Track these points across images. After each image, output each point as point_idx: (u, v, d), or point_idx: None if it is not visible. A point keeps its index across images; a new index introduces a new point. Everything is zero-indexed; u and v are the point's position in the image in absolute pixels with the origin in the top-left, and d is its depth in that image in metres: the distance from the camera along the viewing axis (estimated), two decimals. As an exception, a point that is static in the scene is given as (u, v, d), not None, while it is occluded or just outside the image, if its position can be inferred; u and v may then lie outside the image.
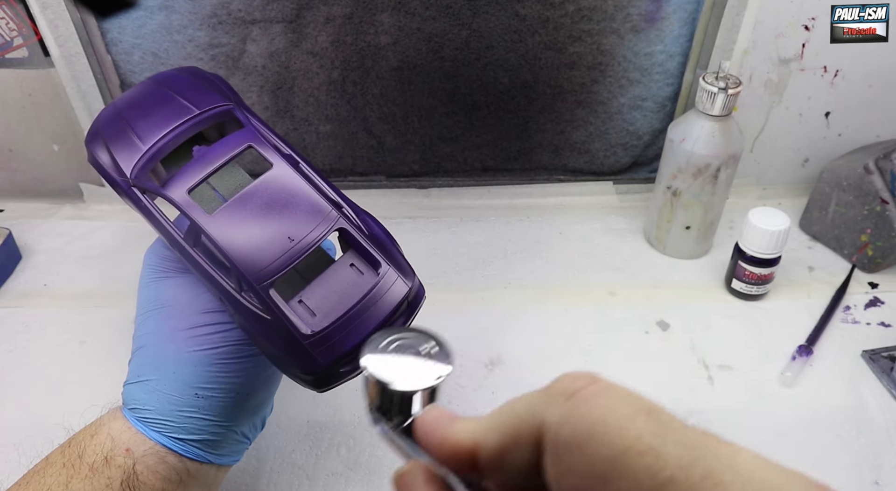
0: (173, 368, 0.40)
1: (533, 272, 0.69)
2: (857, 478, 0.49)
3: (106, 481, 0.37)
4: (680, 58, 0.72)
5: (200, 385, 0.40)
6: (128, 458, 0.38)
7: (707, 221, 0.68)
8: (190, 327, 0.41)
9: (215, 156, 0.39)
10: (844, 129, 0.76)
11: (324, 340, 0.35)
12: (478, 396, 0.56)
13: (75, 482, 0.37)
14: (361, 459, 0.51)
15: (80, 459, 0.38)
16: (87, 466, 0.38)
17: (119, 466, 0.38)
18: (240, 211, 0.37)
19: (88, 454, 0.38)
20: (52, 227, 0.76)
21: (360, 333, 0.35)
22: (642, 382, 0.57)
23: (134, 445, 0.38)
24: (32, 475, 0.38)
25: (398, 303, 0.37)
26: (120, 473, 0.37)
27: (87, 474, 0.37)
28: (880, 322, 0.63)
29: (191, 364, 0.40)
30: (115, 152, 0.40)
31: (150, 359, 0.41)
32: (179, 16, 0.67)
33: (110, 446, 0.38)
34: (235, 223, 0.36)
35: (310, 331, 0.35)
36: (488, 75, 0.72)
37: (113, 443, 0.38)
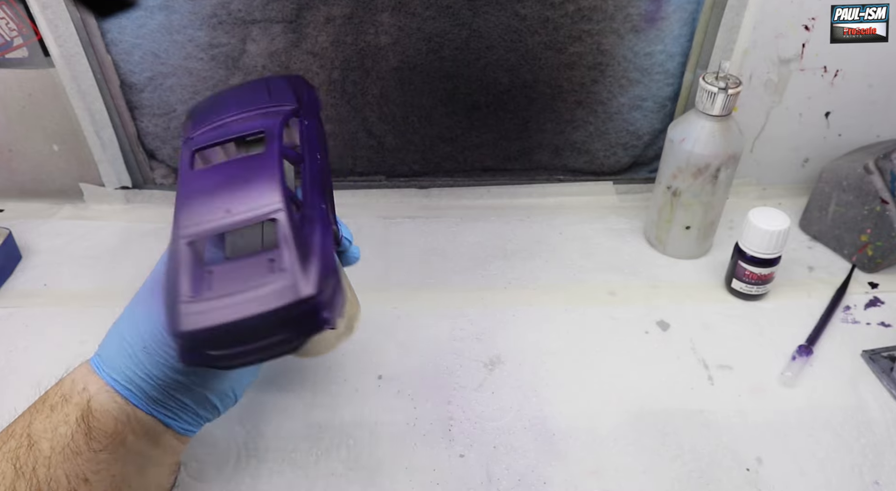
0: (136, 321, 0.42)
1: (533, 272, 0.69)
2: (857, 478, 0.49)
3: (63, 418, 0.39)
4: (680, 58, 0.72)
5: (149, 339, 0.40)
6: (83, 394, 0.40)
7: (707, 221, 0.69)
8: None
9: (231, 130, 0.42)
10: (844, 129, 0.76)
11: (196, 309, 0.34)
12: (478, 395, 0.56)
13: (37, 423, 0.39)
14: (361, 459, 0.51)
15: (42, 403, 0.41)
16: (48, 406, 0.40)
17: (76, 403, 0.40)
18: (213, 175, 0.39)
19: (50, 396, 0.41)
20: (52, 227, 0.76)
21: (227, 316, 0.34)
22: (642, 382, 0.57)
23: (89, 384, 0.41)
24: (6, 427, 0.41)
25: (282, 305, 0.34)
26: (76, 410, 0.40)
27: (48, 414, 0.40)
28: (880, 322, 0.63)
29: (147, 322, 0.41)
30: (195, 123, 0.45)
31: (128, 312, 0.43)
32: (179, 16, 0.67)
33: (70, 387, 0.41)
34: (202, 184, 0.38)
35: (189, 295, 0.34)
36: (488, 75, 0.72)
37: (73, 384, 0.41)
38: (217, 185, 0.38)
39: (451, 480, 0.49)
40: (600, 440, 0.52)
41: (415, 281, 0.68)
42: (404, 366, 0.58)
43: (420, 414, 0.54)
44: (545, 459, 0.51)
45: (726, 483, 0.49)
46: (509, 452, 0.51)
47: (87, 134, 0.73)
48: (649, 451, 0.51)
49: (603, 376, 0.58)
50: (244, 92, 0.47)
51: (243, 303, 0.34)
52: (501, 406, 0.55)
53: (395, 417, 0.54)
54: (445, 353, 0.59)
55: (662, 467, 0.50)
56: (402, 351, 0.60)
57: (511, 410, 0.54)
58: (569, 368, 0.58)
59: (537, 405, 0.55)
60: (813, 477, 0.49)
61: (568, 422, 0.53)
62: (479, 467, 0.50)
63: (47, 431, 0.39)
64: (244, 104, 0.45)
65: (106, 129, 0.74)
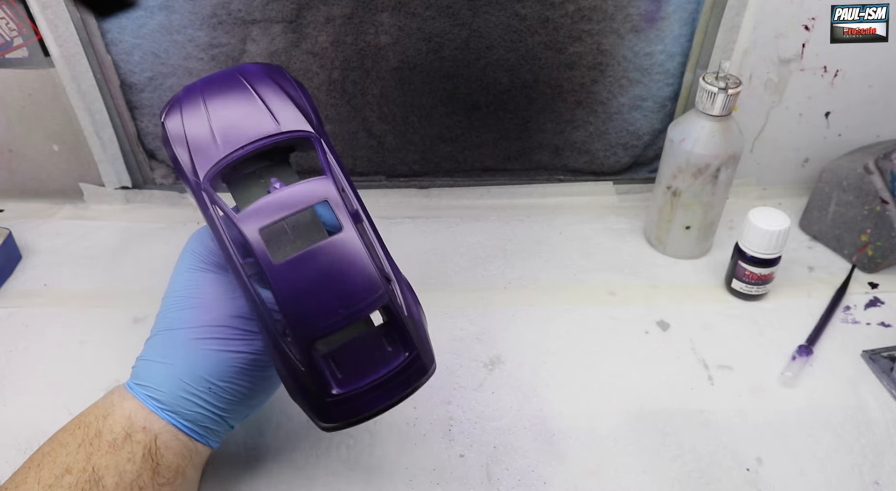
0: (194, 358, 0.42)
1: (533, 272, 0.69)
2: (857, 478, 0.49)
3: (128, 456, 0.40)
4: (680, 58, 0.72)
5: (215, 380, 0.42)
6: (146, 434, 0.41)
7: (707, 221, 0.69)
8: (221, 326, 0.42)
9: (293, 200, 0.39)
10: (844, 129, 0.76)
11: (345, 401, 0.38)
12: (478, 395, 0.56)
13: (97, 458, 0.39)
14: (361, 459, 0.51)
15: (98, 438, 0.40)
16: (106, 443, 0.40)
17: (139, 441, 0.40)
18: (303, 267, 0.38)
19: (106, 433, 0.40)
20: (52, 227, 0.76)
21: (377, 404, 0.38)
22: (642, 382, 0.57)
23: (149, 423, 0.41)
24: (42, 458, 0.40)
25: (417, 385, 0.40)
26: (141, 448, 0.40)
27: (108, 450, 0.39)
28: (880, 322, 0.63)
29: (213, 360, 0.42)
30: (194, 152, 0.41)
31: (174, 344, 0.43)
32: (179, 16, 0.67)
33: (128, 425, 0.40)
34: (296, 278, 0.38)
35: (336, 391, 0.38)
36: (488, 75, 0.72)
37: (130, 422, 0.41)
38: (315, 280, 0.38)
39: (451, 480, 0.49)
40: (600, 440, 0.52)
41: (415, 281, 0.68)
42: (404, 366, 0.58)
43: (420, 414, 0.54)
44: (545, 459, 0.51)
45: (726, 483, 0.49)
46: (509, 452, 0.51)
47: (87, 134, 0.73)
48: (649, 451, 0.51)
49: (603, 376, 0.58)
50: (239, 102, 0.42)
51: (383, 393, 0.38)
52: (501, 406, 0.55)
53: (395, 417, 0.54)
54: (445, 353, 0.59)
55: (662, 467, 0.50)
56: (402, 351, 0.60)
57: (511, 410, 0.54)
58: (569, 368, 0.58)
59: (537, 405, 0.55)
60: (813, 477, 0.49)
61: (568, 422, 0.53)
62: (479, 467, 0.50)
63: (111, 467, 0.39)
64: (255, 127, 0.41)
65: (106, 129, 0.74)
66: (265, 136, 0.41)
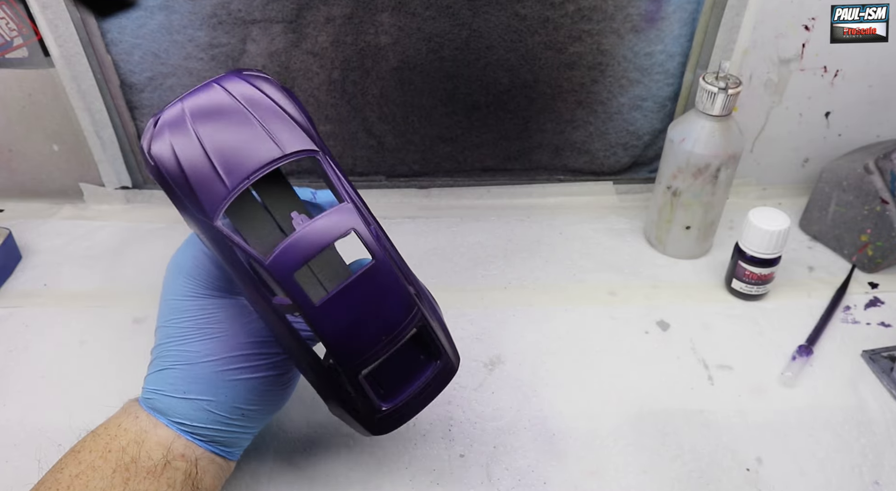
0: (224, 390, 0.42)
1: (533, 272, 0.69)
2: (857, 478, 0.49)
3: (168, 482, 0.40)
4: (680, 58, 0.72)
5: (248, 407, 0.43)
6: (185, 461, 0.41)
7: (707, 221, 0.69)
8: (243, 354, 0.43)
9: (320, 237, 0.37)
10: (844, 129, 0.76)
11: (391, 414, 0.41)
12: (478, 395, 0.56)
13: (135, 483, 0.39)
14: (361, 458, 0.51)
15: (134, 464, 0.40)
16: (144, 470, 0.39)
17: (178, 468, 0.40)
18: (343, 303, 0.37)
19: (143, 460, 0.40)
20: (52, 227, 0.76)
21: (418, 409, 0.41)
22: (642, 382, 0.57)
23: (188, 451, 0.41)
24: (72, 480, 0.39)
25: (447, 383, 0.42)
26: (181, 474, 0.40)
27: (147, 477, 0.39)
28: (880, 322, 0.63)
29: (242, 389, 0.43)
30: (196, 187, 0.37)
31: (198, 379, 0.42)
32: (179, 16, 0.67)
33: (166, 452, 0.41)
34: (338, 315, 0.37)
35: (383, 408, 0.40)
36: (488, 75, 0.72)
37: (168, 450, 0.41)
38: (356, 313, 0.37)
39: (451, 480, 0.49)
40: (600, 440, 0.52)
41: (415, 281, 0.68)
42: (404, 366, 0.58)
43: (420, 414, 0.54)
44: (545, 459, 0.51)
45: (726, 483, 0.49)
46: (509, 452, 0.51)
47: (87, 134, 0.73)
48: (649, 451, 0.51)
49: (603, 376, 0.58)
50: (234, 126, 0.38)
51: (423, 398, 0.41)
52: (501, 406, 0.55)
53: (395, 417, 0.54)
54: (445, 353, 0.59)
55: (662, 467, 0.50)
56: (402, 351, 0.60)
57: (511, 410, 0.54)
58: (569, 368, 0.58)
59: (537, 405, 0.55)
60: (813, 477, 0.49)
61: (568, 422, 0.53)
62: (479, 467, 0.50)
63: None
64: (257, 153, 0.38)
65: (106, 129, 0.74)
66: (269, 161, 0.38)
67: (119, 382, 0.56)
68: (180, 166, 0.37)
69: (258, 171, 0.38)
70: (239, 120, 0.38)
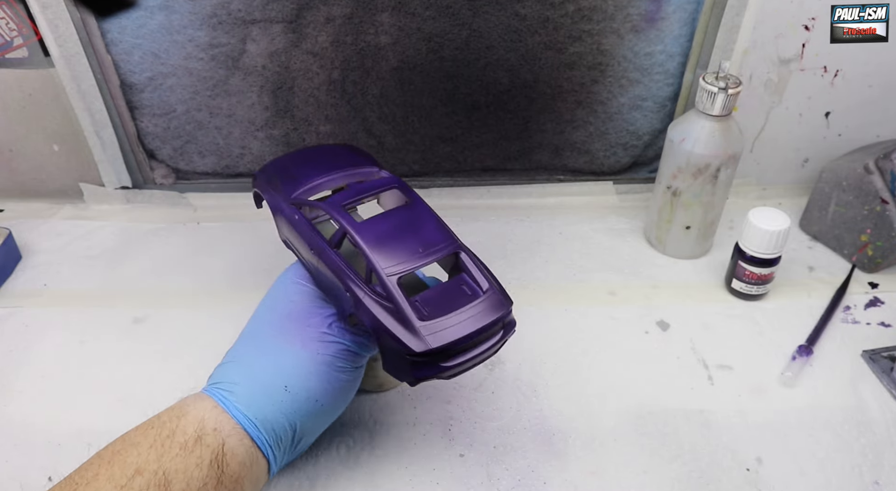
0: (274, 357, 0.43)
1: (533, 272, 0.69)
2: (857, 478, 0.49)
3: (196, 461, 0.39)
4: (680, 58, 0.72)
5: (292, 381, 0.43)
6: (216, 436, 0.40)
7: (707, 221, 0.69)
8: (305, 327, 0.44)
9: (365, 187, 0.48)
10: (844, 129, 0.76)
11: (433, 327, 0.41)
12: (478, 395, 0.56)
13: (166, 460, 0.39)
14: (361, 458, 0.51)
15: (170, 439, 0.40)
16: (177, 444, 0.39)
17: (208, 445, 0.40)
18: (380, 224, 0.45)
19: (178, 434, 0.40)
20: (52, 228, 0.76)
21: (464, 331, 0.41)
22: (642, 382, 0.57)
23: (219, 424, 0.41)
24: (112, 456, 0.39)
25: (498, 317, 0.43)
26: (209, 453, 0.40)
27: (178, 453, 0.39)
28: (880, 322, 0.63)
29: (292, 359, 0.43)
30: (281, 182, 0.50)
31: (256, 345, 0.44)
32: (179, 16, 0.67)
33: (199, 426, 0.40)
34: (375, 231, 0.44)
35: (421, 318, 0.41)
36: (488, 75, 0.73)
37: (202, 423, 0.40)
38: (393, 232, 0.44)
39: (451, 480, 0.49)
40: (600, 440, 0.52)
41: (415, 281, 0.68)
42: (404, 366, 0.58)
43: (420, 414, 0.54)
44: (545, 458, 0.51)
45: (726, 483, 0.49)
46: (509, 452, 0.51)
47: (87, 134, 0.73)
48: (649, 451, 0.51)
49: (603, 376, 0.58)
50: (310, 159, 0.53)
51: (468, 320, 0.41)
52: (501, 406, 0.55)
53: (395, 417, 0.54)
54: (445, 353, 0.59)
55: (662, 467, 0.50)
56: (402, 351, 0.60)
57: (511, 409, 0.54)
58: (569, 368, 0.58)
59: (537, 405, 0.55)
60: (813, 477, 0.49)
61: (567, 422, 0.53)
62: (479, 467, 0.50)
63: (180, 472, 0.38)
64: (325, 169, 0.51)
65: (106, 129, 0.74)
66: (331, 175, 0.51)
67: (119, 382, 0.57)
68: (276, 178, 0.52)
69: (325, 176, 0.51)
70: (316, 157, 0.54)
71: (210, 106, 0.73)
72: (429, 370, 0.41)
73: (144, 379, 0.57)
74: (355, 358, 0.46)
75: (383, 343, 0.42)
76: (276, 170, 0.53)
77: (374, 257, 0.42)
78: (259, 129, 0.76)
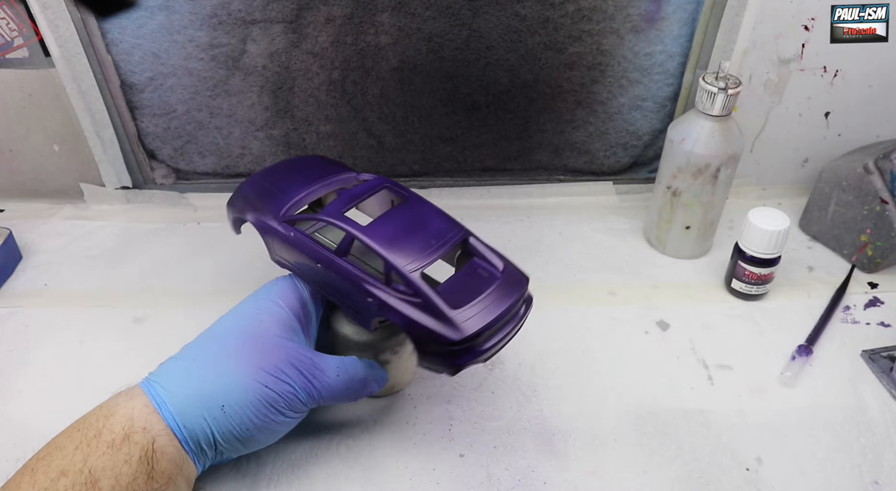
0: (223, 375, 0.43)
1: (533, 272, 0.69)
2: (857, 478, 0.49)
3: (125, 457, 0.39)
4: (680, 58, 0.72)
5: (231, 404, 0.42)
6: (145, 435, 0.40)
7: (707, 221, 0.69)
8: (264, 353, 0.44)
9: (357, 192, 0.49)
10: (844, 129, 0.76)
11: (464, 314, 0.42)
12: (478, 395, 0.56)
13: (93, 459, 0.39)
14: (361, 458, 0.51)
15: (96, 439, 0.39)
16: (104, 443, 0.39)
17: (137, 442, 0.40)
18: (387, 224, 0.46)
19: (105, 433, 0.40)
20: (52, 227, 0.76)
21: (494, 313, 0.42)
22: (642, 382, 0.57)
23: (149, 424, 0.41)
24: (37, 462, 0.39)
25: (521, 293, 0.44)
26: (138, 449, 0.40)
27: (105, 451, 0.39)
28: (880, 322, 0.63)
29: (239, 385, 0.42)
30: (264, 202, 0.50)
31: (211, 354, 0.44)
32: (180, 16, 0.67)
33: (128, 425, 0.40)
34: (384, 231, 0.45)
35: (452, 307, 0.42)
36: (488, 75, 0.73)
37: (131, 422, 0.40)
38: (401, 230, 0.45)
39: (451, 480, 0.49)
40: (600, 440, 0.52)
41: (415, 281, 0.68)
42: (404, 366, 0.58)
43: (420, 414, 0.54)
44: (545, 458, 0.51)
45: (726, 483, 0.49)
46: (509, 452, 0.51)
47: (87, 134, 0.73)
48: (649, 451, 0.51)
49: (603, 376, 0.58)
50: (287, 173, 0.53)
51: (495, 302, 0.43)
52: (501, 406, 0.55)
53: (395, 417, 0.54)
54: (445, 353, 0.59)
55: (662, 467, 0.50)
56: (402, 351, 0.60)
57: (511, 409, 0.54)
58: (569, 368, 0.58)
59: (537, 405, 0.55)
60: (813, 477, 0.49)
61: (568, 422, 0.53)
62: (479, 467, 0.50)
63: (107, 469, 0.38)
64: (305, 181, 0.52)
65: (106, 129, 0.74)
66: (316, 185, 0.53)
67: (119, 382, 0.56)
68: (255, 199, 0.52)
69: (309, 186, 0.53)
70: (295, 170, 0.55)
71: (210, 106, 0.73)
72: (468, 356, 0.42)
73: (144, 379, 0.57)
74: (299, 406, 0.45)
75: (419, 339, 0.43)
76: (253, 191, 0.52)
77: (392, 257, 0.43)
78: (259, 129, 0.76)
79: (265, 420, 0.43)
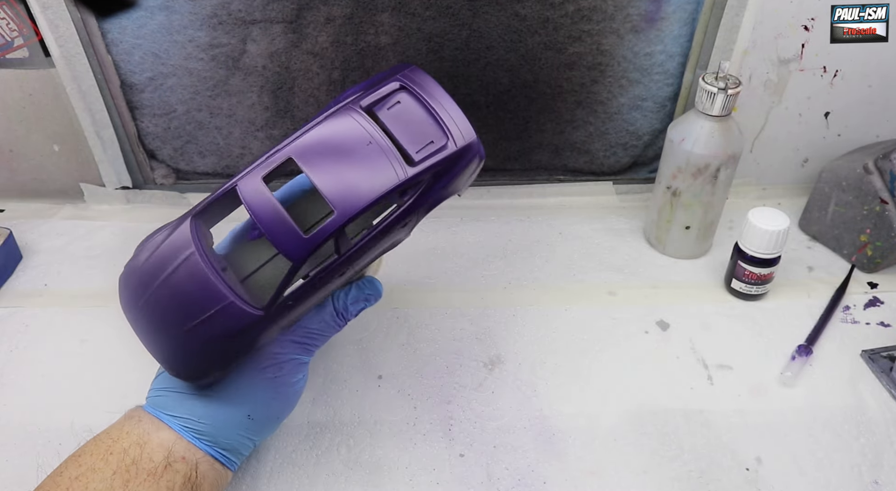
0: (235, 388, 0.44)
1: (533, 272, 0.69)
2: (857, 478, 0.49)
3: (167, 485, 0.40)
4: (680, 58, 0.72)
5: (254, 409, 0.44)
6: (186, 464, 0.41)
7: (707, 221, 0.69)
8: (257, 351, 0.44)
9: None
10: (844, 129, 0.76)
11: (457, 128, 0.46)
12: (478, 395, 0.56)
13: (134, 485, 0.39)
14: (361, 458, 0.51)
15: (134, 466, 0.40)
16: (144, 471, 0.40)
17: (178, 470, 0.40)
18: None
19: (144, 462, 0.40)
20: (52, 227, 0.76)
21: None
22: (642, 382, 0.57)
23: (188, 453, 0.42)
24: (71, 483, 0.39)
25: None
26: (181, 477, 0.40)
27: (147, 478, 0.39)
28: (880, 322, 0.63)
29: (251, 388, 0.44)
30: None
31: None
32: (180, 16, 0.67)
33: (167, 454, 0.41)
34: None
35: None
36: (488, 75, 0.73)
37: (169, 452, 0.41)
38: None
39: (451, 480, 0.49)
40: (600, 440, 0.52)
41: (415, 281, 0.68)
42: (404, 366, 0.58)
43: (420, 414, 0.54)
44: (545, 458, 0.51)
45: (726, 483, 0.49)
46: (509, 452, 0.51)
47: (87, 134, 0.73)
48: (649, 451, 0.51)
49: (603, 376, 0.58)
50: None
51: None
52: (501, 406, 0.55)
53: (395, 417, 0.54)
54: (445, 353, 0.59)
55: (662, 467, 0.50)
56: (402, 351, 0.60)
57: (511, 409, 0.54)
58: (569, 368, 0.58)
59: (537, 405, 0.55)
60: (813, 477, 0.49)
61: (568, 422, 0.53)
62: (479, 467, 0.50)
63: None
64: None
65: (106, 129, 0.74)
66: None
67: (119, 382, 0.57)
68: None
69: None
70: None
71: (210, 106, 0.73)
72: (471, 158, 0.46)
73: (145, 379, 0.57)
74: (304, 365, 0.46)
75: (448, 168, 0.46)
76: None
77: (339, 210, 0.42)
78: (259, 129, 0.76)
79: (288, 398, 0.45)
